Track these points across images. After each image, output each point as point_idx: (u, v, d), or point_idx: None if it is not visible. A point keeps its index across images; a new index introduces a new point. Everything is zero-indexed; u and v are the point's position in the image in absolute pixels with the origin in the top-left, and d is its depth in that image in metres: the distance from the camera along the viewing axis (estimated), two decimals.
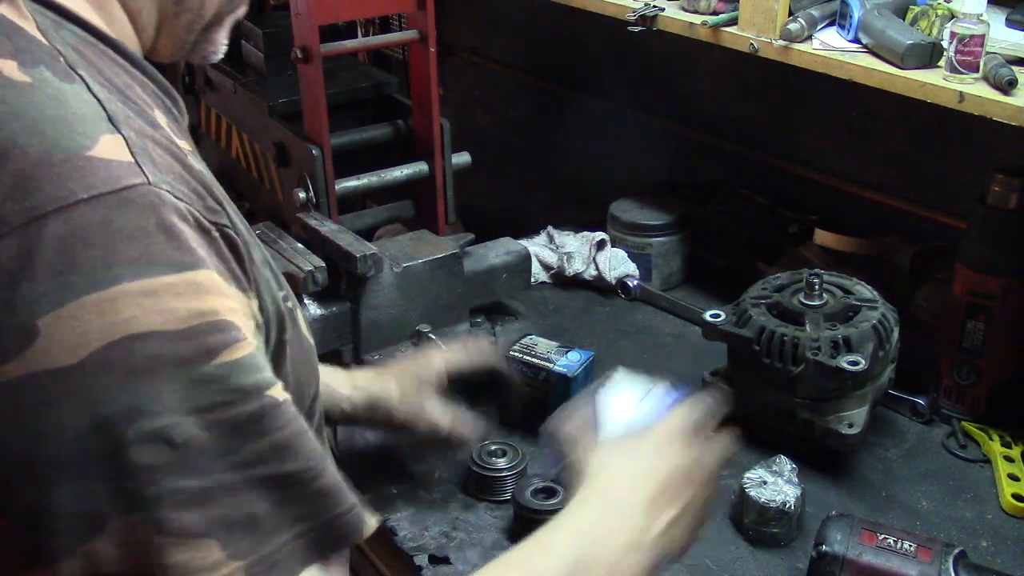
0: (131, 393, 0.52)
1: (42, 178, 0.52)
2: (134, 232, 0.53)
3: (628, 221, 1.66)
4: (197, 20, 0.72)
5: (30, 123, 0.54)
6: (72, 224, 0.52)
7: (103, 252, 0.52)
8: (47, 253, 0.51)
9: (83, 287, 0.51)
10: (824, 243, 1.56)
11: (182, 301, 0.53)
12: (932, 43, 1.17)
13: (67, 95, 0.56)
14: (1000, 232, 1.24)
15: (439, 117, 1.64)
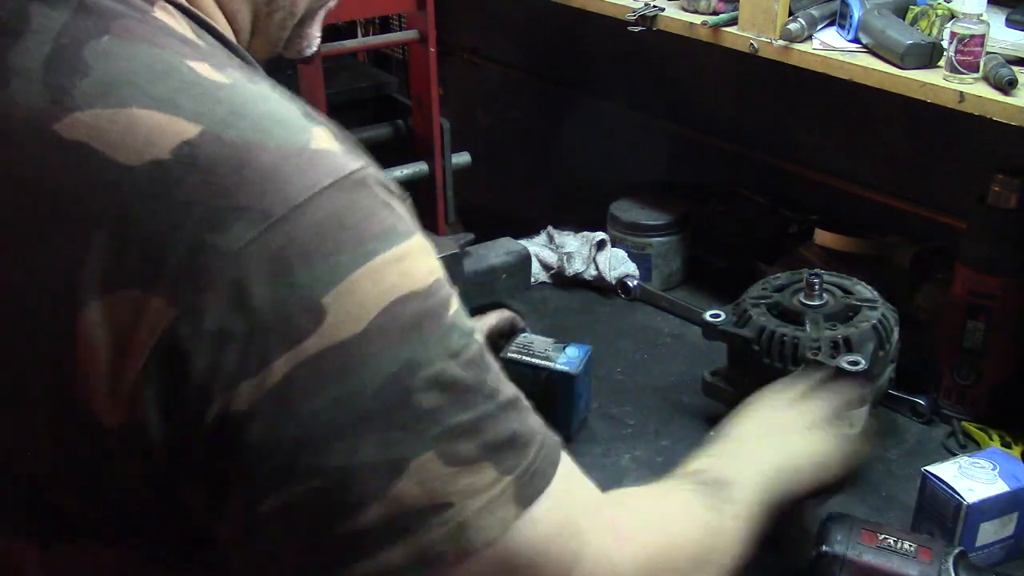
0: (407, 349, 0.57)
1: (288, 171, 0.56)
2: (371, 209, 0.58)
3: (628, 221, 1.66)
4: (290, 17, 0.74)
5: (254, 121, 0.58)
6: (325, 209, 0.56)
7: (357, 231, 0.57)
8: (313, 238, 0.56)
9: (351, 264, 0.56)
10: (824, 243, 1.56)
11: (419, 263, 0.59)
12: (932, 43, 1.17)
13: (264, 94, 0.60)
14: (1000, 232, 1.24)
15: (439, 117, 1.64)
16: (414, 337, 0.58)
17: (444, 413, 0.58)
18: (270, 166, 0.56)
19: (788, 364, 1.19)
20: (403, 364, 0.57)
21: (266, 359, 0.55)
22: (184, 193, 0.55)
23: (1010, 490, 1.06)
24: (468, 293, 1.48)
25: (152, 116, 0.57)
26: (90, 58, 0.58)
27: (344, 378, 0.56)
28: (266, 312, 0.55)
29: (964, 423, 1.29)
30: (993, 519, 1.07)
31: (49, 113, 0.57)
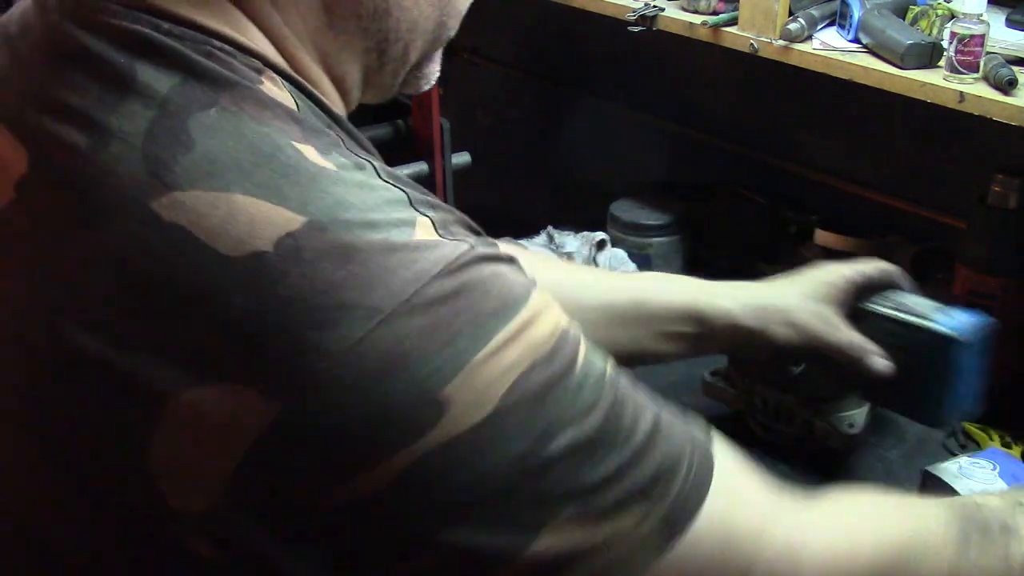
0: (538, 422, 0.55)
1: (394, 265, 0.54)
2: (483, 288, 0.56)
3: (628, 221, 1.66)
4: (402, 66, 0.71)
5: (360, 214, 0.55)
6: (436, 299, 0.54)
7: (470, 314, 0.55)
8: (425, 331, 0.54)
9: (469, 351, 0.54)
10: (824, 243, 1.56)
11: (539, 326, 0.57)
12: (932, 43, 1.17)
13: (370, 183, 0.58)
14: (1000, 232, 1.24)
15: (439, 117, 1.64)
16: (543, 408, 0.56)
17: (582, 474, 0.57)
18: (377, 260, 0.54)
19: (788, 364, 1.19)
20: (535, 439, 0.55)
21: (385, 455, 0.53)
22: (287, 288, 0.53)
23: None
24: None
25: (255, 204, 0.54)
26: (195, 132, 0.56)
27: (471, 464, 0.54)
28: (381, 409, 0.53)
29: (964, 423, 1.29)
30: None
31: (148, 188, 0.55)
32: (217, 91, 0.57)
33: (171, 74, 0.58)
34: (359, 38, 0.67)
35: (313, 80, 0.66)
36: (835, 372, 1.06)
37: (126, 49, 0.58)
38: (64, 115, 0.58)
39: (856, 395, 1.15)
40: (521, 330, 0.56)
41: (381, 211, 0.56)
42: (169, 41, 0.58)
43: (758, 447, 1.20)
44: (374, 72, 0.70)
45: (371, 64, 0.69)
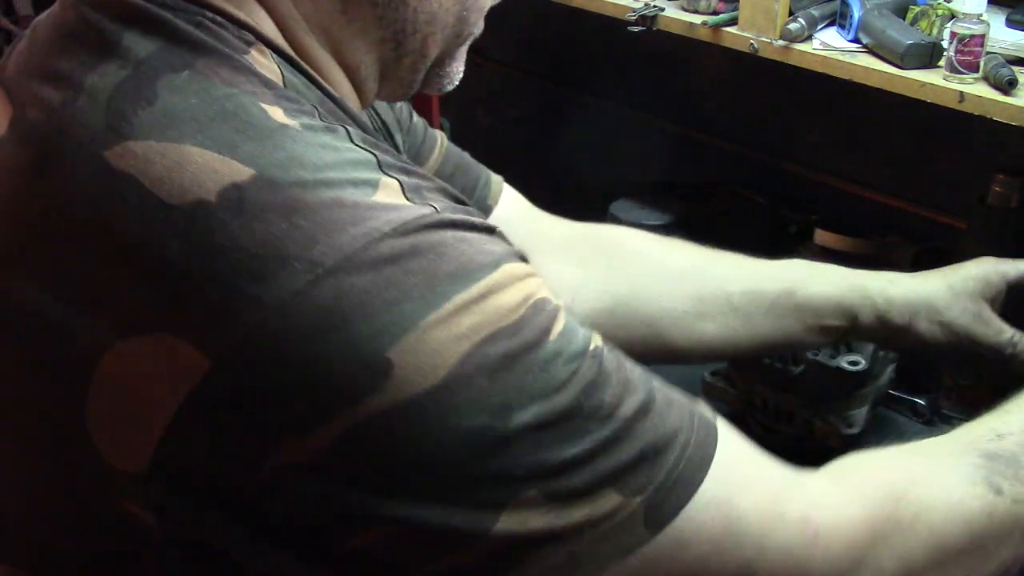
0: (496, 394, 0.53)
1: (344, 220, 0.53)
2: (441, 249, 0.54)
3: (628, 221, 1.65)
4: (421, 60, 0.70)
5: (315, 169, 0.54)
6: (385, 256, 0.52)
7: (424, 274, 0.53)
8: (371, 288, 0.51)
9: (419, 311, 0.52)
10: (824, 243, 1.55)
11: (506, 295, 0.54)
12: (932, 43, 1.17)
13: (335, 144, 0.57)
14: (1000, 232, 1.24)
15: (439, 117, 1.64)
16: (503, 380, 0.53)
17: (549, 453, 0.54)
18: (324, 215, 0.52)
19: (788, 364, 1.19)
20: (492, 412, 0.53)
21: (323, 416, 0.51)
22: (225, 237, 0.52)
23: None
24: None
25: (204, 155, 0.54)
26: (160, 89, 0.56)
27: (419, 433, 0.52)
28: (319, 368, 0.51)
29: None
30: None
31: (103, 139, 0.55)
32: (195, 56, 0.57)
33: (154, 39, 0.58)
34: (374, 26, 0.66)
35: (319, 66, 0.65)
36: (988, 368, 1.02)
37: (118, 20, 0.59)
38: (50, 78, 0.59)
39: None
40: (482, 297, 0.53)
41: (339, 170, 0.55)
42: (159, 11, 0.59)
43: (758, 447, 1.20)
44: (391, 65, 0.69)
45: (387, 56, 0.68)
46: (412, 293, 0.52)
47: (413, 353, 0.51)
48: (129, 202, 0.53)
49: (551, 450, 0.54)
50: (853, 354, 1.17)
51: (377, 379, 0.51)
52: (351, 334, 0.51)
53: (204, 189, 0.53)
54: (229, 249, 0.52)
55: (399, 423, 0.52)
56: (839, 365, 1.16)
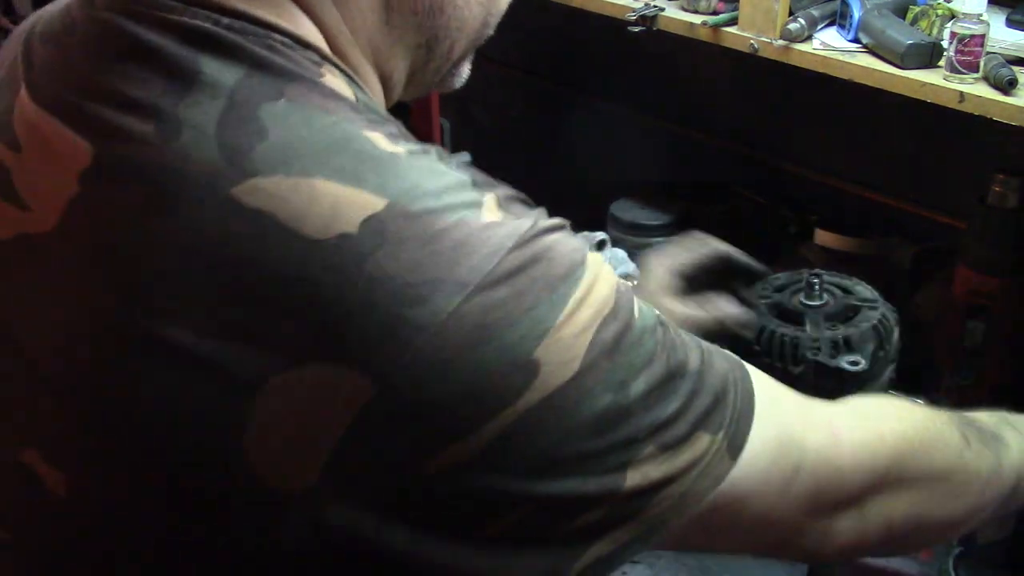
0: (616, 373, 0.59)
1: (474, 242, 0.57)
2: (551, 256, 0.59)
3: (628, 221, 1.66)
4: (446, 63, 0.73)
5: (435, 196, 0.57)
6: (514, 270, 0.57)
7: (545, 280, 0.58)
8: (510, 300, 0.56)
9: (550, 314, 0.57)
10: (824, 243, 1.56)
11: (601, 284, 0.61)
12: (932, 43, 1.17)
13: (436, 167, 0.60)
14: (1000, 232, 1.24)
15: (439, 117, 1.64)
16: (618, 359, 0.59)
17: (658, 412, 0.60)
18: (456, 239, 0.56)
19: (788, 364, 1.19)
20: (615, 389, 0.59)
21: (483, 419, 0.55)
22: (375, 267, 0.55)
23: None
24: None
25: (336, 188, 0.56)
26: (267, 121, 0.57)
27: (564, 420, 0.57)
28: (477, 378, 0.55)
29: None
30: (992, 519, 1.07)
31: (226, 175, 0.56)
32: (282, 83, 0.59)
33: (235, 67, 0.58)
34: (412, 34, 0.68)
35: (361, 75, 0.67)
36: None
37: (187, 43, 0.59)
38: (128, 107, 0.58)
39: None
40: (589, 291, 0.59)
41: (453, 193, 0.58)
42: (230, 35, 0.59)
43: None
44: (420, 69, 0.71)
45: (418, 61, 0.71)
46: (541, 298, 0.57)
47: (553, 351, 0.57)
48: (271, 239, 0.55)
49: (658, 410, 0.60)
50: (853, 354, 1.17)
51: (528, 378, 0.56)
52: (502, 343, 0.56)
53: (345, 222, 0.55)
54: (380, 278, 0.55)
55: (547, 414, 0.57)
56: (839, 365, 1.16)
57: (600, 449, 0.59)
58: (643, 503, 0.61)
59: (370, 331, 0.54)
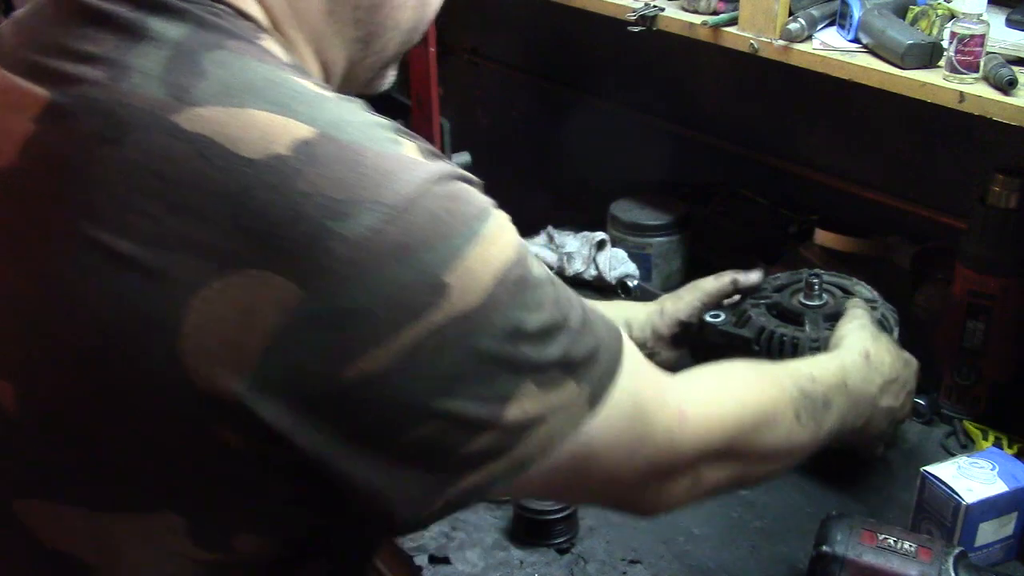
0: (515, 311, 0.65)
1: (397, 170, 0.63)
2: (466, 198, 0.66)
3: (628, 221, 1.66)
4: (378, 62, 0.80)
5: (360, 128, 0.64)
6: (434, 201, 0.63)
7: (462, 215, 0.64)
8: (429, 225, 0.62)
9: (463, 244, 0.63)
10: (824, 243, 1.56)
11: (508, 234, 0.67)
12: (932, 43, 1.17)
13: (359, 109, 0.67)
14: (1000, 232, 1.24)
15: (439, 117, 1.64)
16: (518, 299, 0.65)
17: (542, 352, 0.67)
18: (377, 165, 0.63)
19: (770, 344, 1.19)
20: (513, 324, 0.65)
21: (394, 329, 0.61)
22: (305, 183, 0.61)
23: (1009, 490, 1.06)
24: None
25: (269, 117, 0.62)
26: (208, 65, 0.64)
27: (466, 342, 0.63)
28: (393, 290, 0.61)
29: (965, 422, 1.29)
30: (992, 519, 1.07)
31: (169, 106, 0.62)
32: (224, 38, 0.66)
33: (181, 25, 0.66)
34: (352, 27, 0.76)
35: (302, 57, 0.74)
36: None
37: (138, 8, 0.66)
38: (82, 59, 0.65)
39: None
40: (497, 234, 0.66)
41: (378, 130, 0.65)
42: (178, 2, 0.66)
43: None
44: (357, 64, 0.79)
45: (355, 55, 0.78)
46: (456, 230, 0.63)
47: (462, 277, 0.63)
48: (211, 159, 0.61)
49: (542, 351, 0.67)
50: None
51: (437, 298, 0.62)
52: (418, 261, 0.62)
53: (278, 144, 0.61)
54: (310, 194, 0.60)
55: (452, 334, 0.63)
56: None
57: (494, 375, 0.65)
58: (516, 438, 0.67)
59: (298, 240, 0.60)
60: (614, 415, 0.72)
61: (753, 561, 1.10)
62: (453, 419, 0.64)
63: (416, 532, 0.89)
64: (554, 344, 0.68)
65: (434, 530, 1.15)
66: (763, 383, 0.90)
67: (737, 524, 1.15)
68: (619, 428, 0.73)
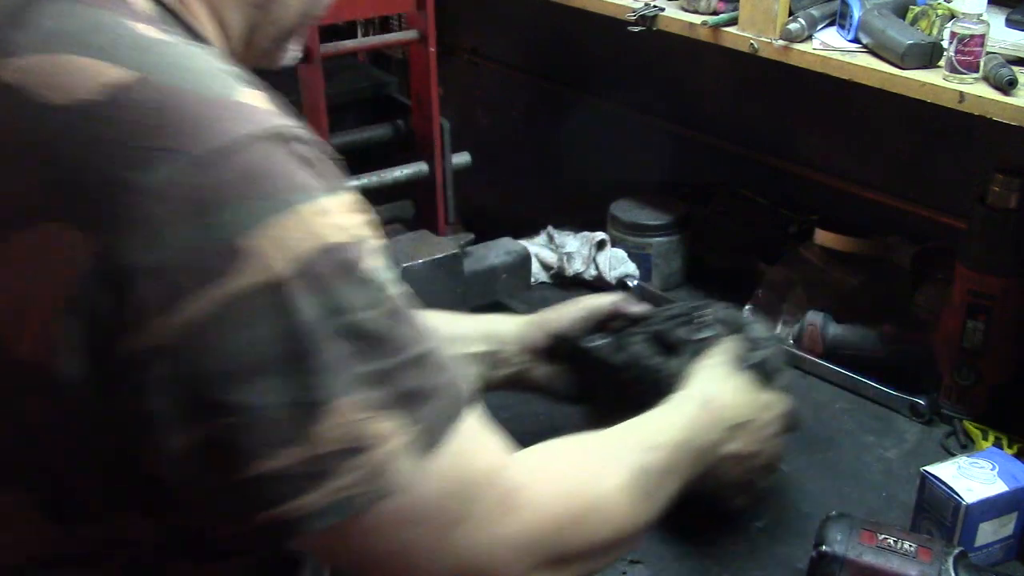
0: (326, 297, 0.59)
1: (213, 117, 0.59)
2: (295, 163, 0.60)
3: (628, 221, 1.66)
4: (279, 31, 0.77)
5: (185, 72, 0.60)
6: (248, 156, 0.58)
7: (279, 179, 0.59)
8: (234, 182, 0.58)
9: (271, 210, 0.58)
10: (824, 243, 1.56)
11: (344, 219, 0.61)
12: (932, 43, 1.17)
13: (202, 55, 0.63)
14: (1000, 232, 1.24)
15: (439, 117, 1.64)
16: (334, 286, 0.59)
17: (358, 360, 0.60)
18: (195, 111, 0.58)
19: (650, 397, 1.05)
20: (321, 311, 0.59)
21: (178, 296, 0.56)
22: (110, 132, 0.57)
23: (1009, 490, 1.06)
24: (468, 293, 1.48)
25: (84, 61, 0.59)
26: (37, 15, 0.62)
27: (261, 320, 0.57)
28: (181, 250, 0.56)
29: (965, 422, 1.29)
30: (992, 519, 1.07)
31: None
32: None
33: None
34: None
35: (195, 15, 0.71)
36: None
37: None
38: None
39: None
40: (326, 212, 0.60)
41: (214, 77, 0.61)
42: None
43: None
44: (257, 30, 0.75)
45: (254, 20, 0.75)
46: (266, 193, 0.58)
47: (262, 245, 0.57)
48: (19, 108, 0.59)
49: (361, 360, 0.60)
50: None
51: (228, 265, 0.57)
52: (212, 219, 0.57)
53: (86, 90, 0.58)
54: (112, 142, 0.57)
55: (245, 310, 0.57)
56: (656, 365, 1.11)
57: (305, 369, 0.58)
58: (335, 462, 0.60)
59: (96, 191, 0.57)
60: (438, 481, 0.64)
61: (753, 561, 1.10)
62: (246, 417, 0.58)
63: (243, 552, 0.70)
64: (380, 358, 0.61)
65: None
66: (604, 467, 0.82)
67: (737, 524, 1.15)
68: (441, 498, 0.65)
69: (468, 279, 1.47)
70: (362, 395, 0.60)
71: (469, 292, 1.47)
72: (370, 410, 0.60)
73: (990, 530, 1.07)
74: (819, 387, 1.39)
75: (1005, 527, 1.08)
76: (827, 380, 1.39)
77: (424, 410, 0.63)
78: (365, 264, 0.62)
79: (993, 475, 1.07)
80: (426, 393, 0.64)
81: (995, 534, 1.08)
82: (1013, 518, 1.08)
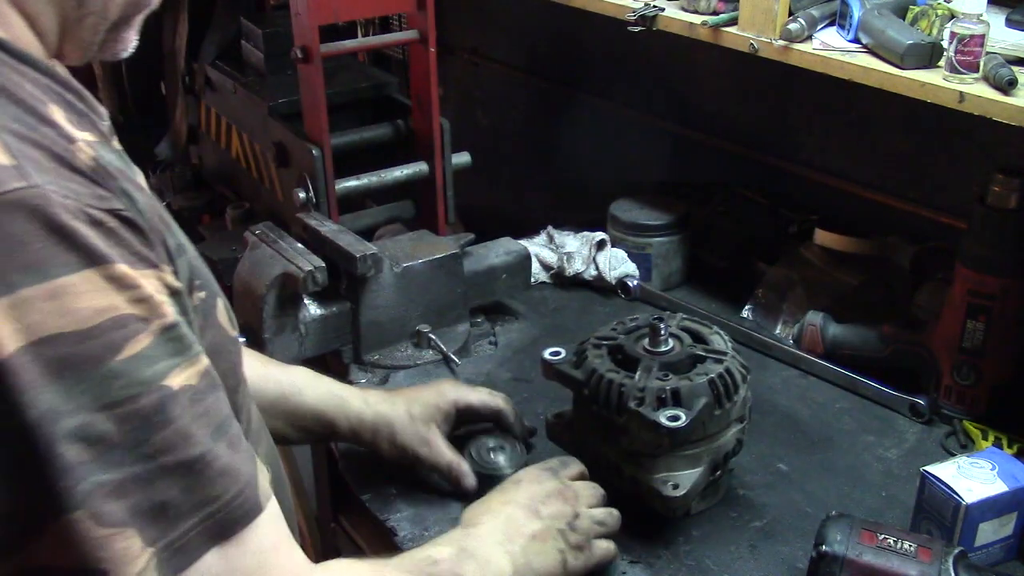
0: (49, 394, 0.53)
1: None
2: (24, 236, 0.53)
3: (628, 221, 1.66)
4: (101, 22, 0.71)
5: None
6: None
7: (3, 258, 0.52)
8: None
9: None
10: (824, 243, 1.56)
11: (84, 300, 0.54)
12: (932, 43, 1.17)
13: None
14: (1000, 232, 1.24)
15: (439, 117, 1.64)
16: (59, 383, 0.53)
17: (89, 469, 0.54)
18: None
19: (613, 413, 1.10)
20: (44, 411, 0.52)
21: None
22: None
23: (1009, 490, 1.06)
24: (468, 293, 1.49)
25: None
26: None
27: None
28: None
29: (965, 422, 1.29)
30: (992, 519, 1.07)
31: None
32: None
33: None
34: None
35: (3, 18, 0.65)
36: None
37: None
38: None
39: None
40: (56, 296, 0.53)
41: None
42: None
43: None
44: (73, 23, 0.69)
45: (69, 12, 0.68)
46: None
47: None
48: None
49: (92, 469, 0.54)
50: (677, 409, 1.07)
51: None
52: None
53: None
54: None
55: None
56: (657, 420, 1.06)
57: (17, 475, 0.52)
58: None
59: None
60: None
61: (753, 561, 1.10)
62: None
63: None
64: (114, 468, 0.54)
65: (434, 530, 1.14)
66: None
67: (737, 524, 1.15)
68: None
69: (468, 279, 1.47)
70: (98, 508, 0.54)
71: (469, 292, 1.48)
72: (108, 526, 0.54)
73: (990, 530, 1.07)
74: (819, 387, 1.39)
75: (1005, 527, 1.08)
76: (827, 380, 1.39)
77: (167, 529, 0.57)
78: (106, 354, 0.55)
79: (993, 475, 1.07)
80: (173, 511, 0.57)
81: (995, 534, 1.08)
82: (1013, 518, 1.08)
